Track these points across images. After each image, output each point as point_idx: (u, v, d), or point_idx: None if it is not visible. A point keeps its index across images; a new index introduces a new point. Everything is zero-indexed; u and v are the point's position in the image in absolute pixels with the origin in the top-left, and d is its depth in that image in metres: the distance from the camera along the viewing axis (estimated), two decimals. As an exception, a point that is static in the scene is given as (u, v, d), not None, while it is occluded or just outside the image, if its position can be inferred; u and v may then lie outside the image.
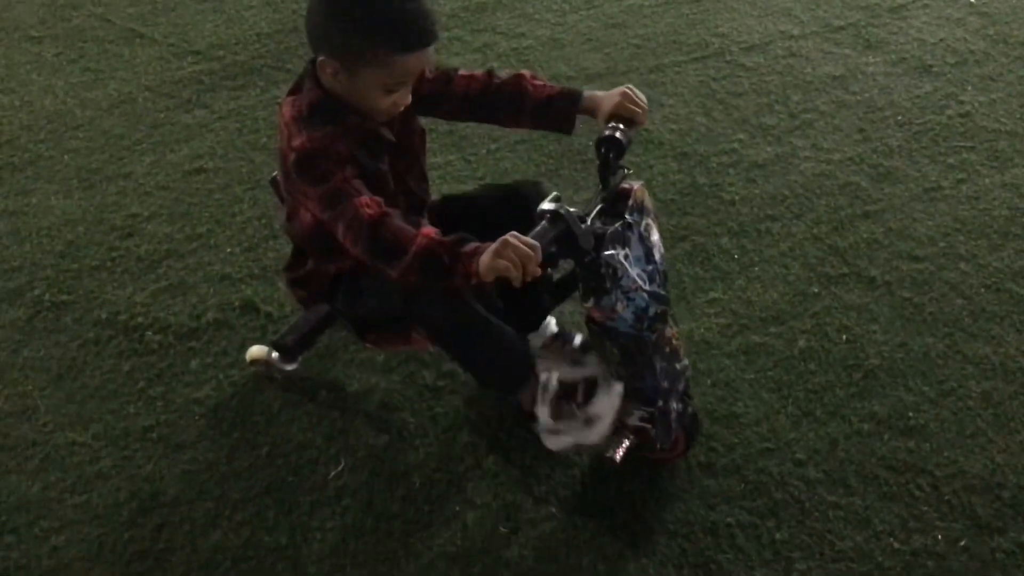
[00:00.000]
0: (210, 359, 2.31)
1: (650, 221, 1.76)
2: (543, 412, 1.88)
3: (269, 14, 3.80)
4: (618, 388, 1.84)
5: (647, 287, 1.71)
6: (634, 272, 1.69)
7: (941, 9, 3.61)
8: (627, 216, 1.69)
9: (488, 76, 1.87)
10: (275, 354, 2.19)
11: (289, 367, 2.20)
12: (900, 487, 1.96)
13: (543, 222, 1.55)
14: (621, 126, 1.72)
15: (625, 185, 1.72)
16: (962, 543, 1.85)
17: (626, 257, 1.68)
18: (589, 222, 1.63)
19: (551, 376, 1.87)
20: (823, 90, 3.19)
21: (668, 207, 2.71)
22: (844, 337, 2.28)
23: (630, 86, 1.78)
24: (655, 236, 1.77)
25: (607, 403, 1.87)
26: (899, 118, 3.05)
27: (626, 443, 1.85)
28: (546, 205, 1.57)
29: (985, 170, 2.82)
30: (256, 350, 2.23)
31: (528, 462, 2.03)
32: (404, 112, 1.75)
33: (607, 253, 1.64)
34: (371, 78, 1.63)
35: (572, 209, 1.58)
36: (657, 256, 1.76)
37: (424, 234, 1.58)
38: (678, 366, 1.85)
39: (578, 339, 1.98)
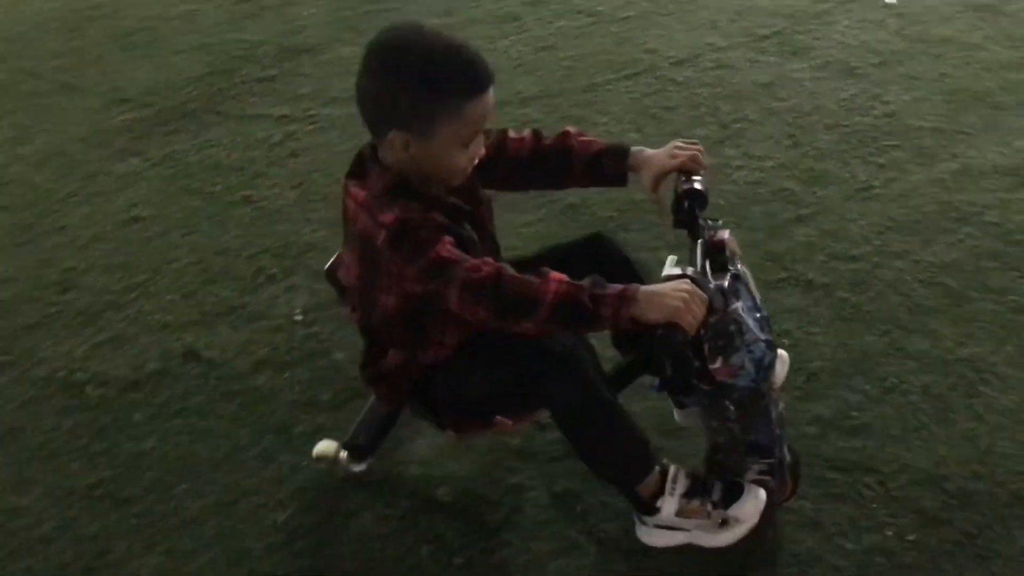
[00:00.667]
0: (153, 410, 2.28)
1: (745, 268, 1.73)
2: (669, 505, 1.79)
3: (200, 57, 3.79)
4: (763, 493, 1.80)
5: (763, 336, 1.67)
6: (751, 323, 1.66)
7: (861, 12, 3.70)
8: (731, 267, 1.67)
9: (535, 137, 1.82)
10: (344, 453, 1.99)
11: (358, 467, 2.00)
12: (848, 487, 1.97)
13: None
14: (697, 177, 1.71)
15: (717, 236, 1.69)
16: (911, 537, 1.87)
17: (743, 309, 1.64)
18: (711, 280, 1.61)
19: (679, 470, 1.80)
20: (752, 99, 3.25)
21: (607, 224, 2.73)
22: (786, 341, 2.30)
23: (678, 142, 1.77)
24: (752, 282, 1.74)
25: (753, 506, 1.79)
26: (827, 121, 3.11)
27: None
28: (672, 270, 1.55)
29: (913, 167, 2.88)
30: (324, 447, 2.00)
31: (481, 490, 2.03)
32: (470, 183, 1.69)
33: (731, 308, 1.61)
34: (447, 135, 1.54)
35: (690, 269, 1.57)
36: (759, 302, 1.73)
37: (555, 279, 1.51)
38: (783, 410, 1.82)
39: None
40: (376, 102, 1.56)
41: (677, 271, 1.54)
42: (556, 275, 1.52)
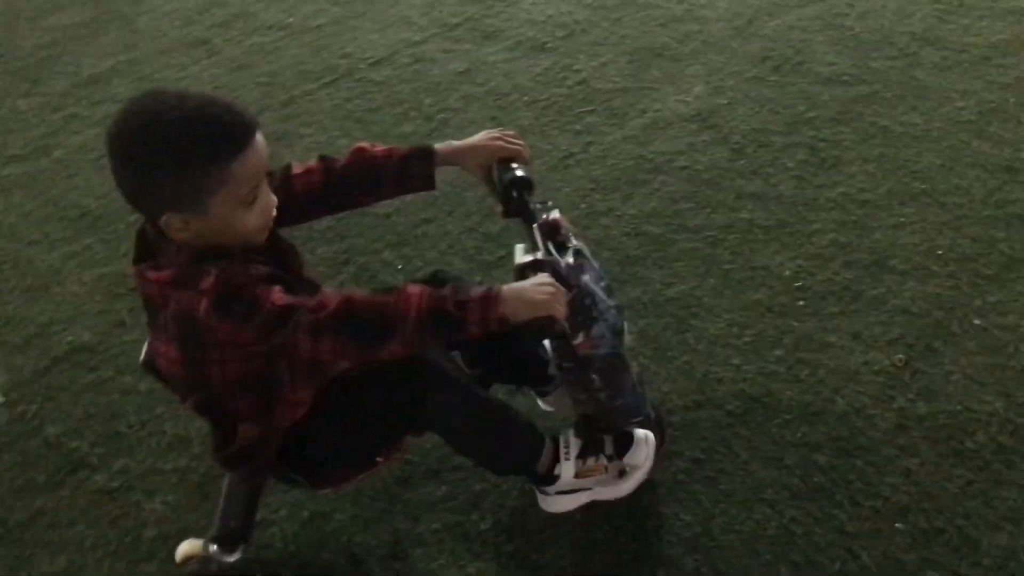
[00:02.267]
0: None
1: (580, 241, 1.73)
2: (568, 469, 1.80)
3: None
4: (651, 436, 1.84)
5: (612, 302, 1.70)
6: (601, 293, 1.68)
7: (544, -12, 3.84)
8: (569, 244, 1.67)
9: (325, 164, 1.70)
10: (214, 547, 1.82)
11: (233, 558, 1.83)
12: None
13: (530, 273, 1.50)
14: (515, 164, 1.68)
15: (551, 217, 1.69)
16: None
17: (591, 280, 1.66)
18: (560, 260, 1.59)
19: (569, 434, 1.82)
20: (452, 88, 3.29)
21: (327, 235, 2.68)
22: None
23: (492, 130, 1.73)
24: (589, 253, 1.74)
25: (645, 451, 1.85)
26: (525, 98, 3.20)
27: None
28: (524, 258, 1.53)
29: (607, 128, 3.02)
30: (188, 547, 1.85)
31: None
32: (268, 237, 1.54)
33: (583, 282, 1.61)
34: (223, 203, 1.40)
35: (540, 253, 1.55)
36: (601, 270, 1.73)
37: (413, 292, 1.42)
38: (638, 369, 1.86)
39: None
40: (136, 190, 1.40)
41: (529, 258, 1.54)
42: (413, 287, 1.44)
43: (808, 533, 1.85)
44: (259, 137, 1.43)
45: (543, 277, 1.50)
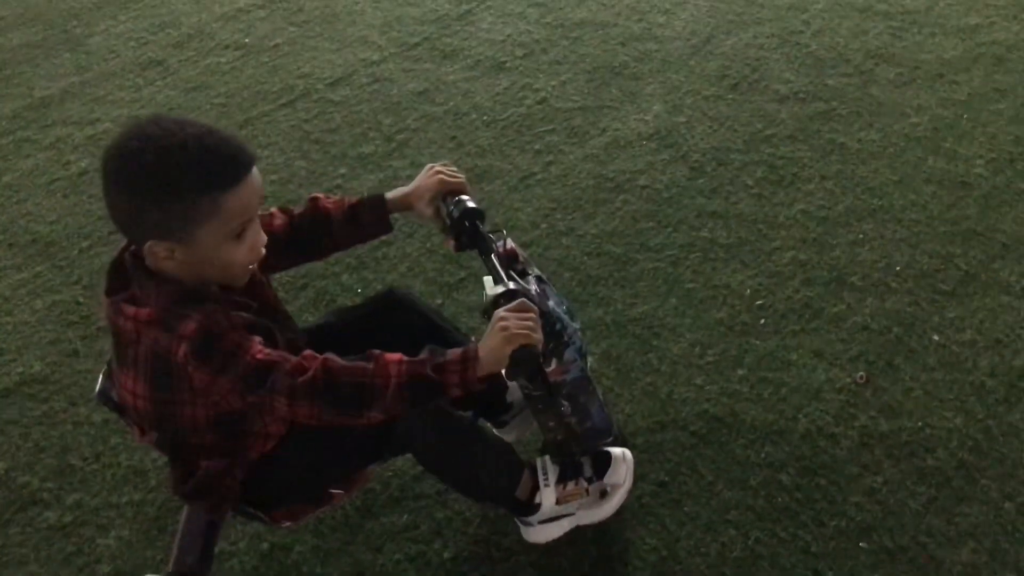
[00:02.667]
0: None
1: (534, 267, 1.73)
2: (548, 496, 1.78)
3: None
4: (628, 453, 1.87)
5: (576, 324, 1.69)
6: (565, 317, 1.66)
7: (503, 7, 3.83)
8: (529, 271, 1.67)
9: (286, 213, 1.70)
10: None
11: None
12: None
13: (504, 303, 1.47)
14: (464, 196, 1.67)
15: (508, 246, 1.68)
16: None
17: (555, 305, 1.65)
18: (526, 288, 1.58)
19: (545, 460, 1.80)
20: (411, 108, 3.27)
21: (285, 259, 2.64)
22: (473, 337, 2.33)
23: (432, 165, 1.71)
24: (545, 277, 1.74)
25: (624, 468, 1.85)
26: (485, 118, 3.19)
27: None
28: (496, 289, 1.51)
29: (568, 147, 3.02)
30: None
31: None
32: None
33: (550, 308, 1.61)
34: (211, 234, 1.38)
35: (511, 284, 1.53)
36: (558, 295, 1.73)
37: (391, 361, 1.41)
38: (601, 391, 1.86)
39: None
40: (124, 214, 1.38)
41: (501, 288, 1.52)
42: (390, 356, 1.42)
43: (774, 555, 1.84)
44: (254, 173, 1.40)
45: (500, 312, 1.45)
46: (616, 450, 1.88)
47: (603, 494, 1.85)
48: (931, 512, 1.90)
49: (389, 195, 1.73)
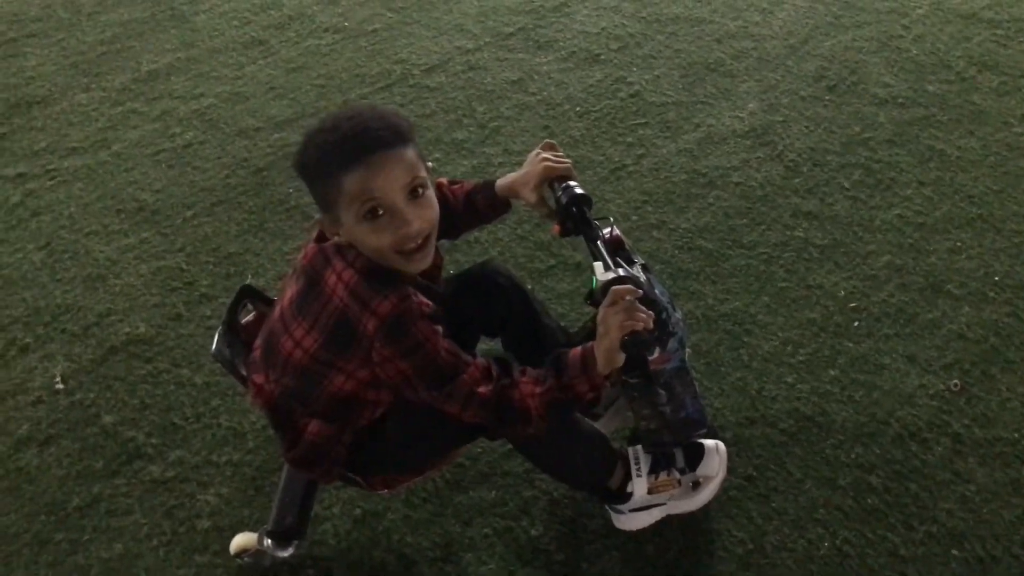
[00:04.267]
0: (-99, 516, 2.05)
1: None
2: (640, 486, 1.81)
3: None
4: (722, 445, 1.87)
5: (678, 314, 1.71)
6: (668, 305, 1.68)
7: (598, 1, 3.85)
8: (635, 258, 1.69)
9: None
10: (268, 541, 1.83)
11: (285, 553, 1.84)
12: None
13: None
14: (571, 182, 1.69)
15: (614, 233, 1.70)
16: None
17: (660, 294, 1.67)
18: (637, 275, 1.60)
19: (638, 450, 1.83)
20: (505, 96, 3.31)
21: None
22: (561, 324, 2.36)
23: (539, 151, 1.74)
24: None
25: (717, 460, 1.86)
26: (577, 109, 3.21)
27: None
28: (607, 275, 1.54)
29: (660, 141, 3.02)
30: (243, 540, 1.87)
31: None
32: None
33: (656, 294, 1.64)
34: (346, 214, 1.45)
35: (621, 270, 1.56)
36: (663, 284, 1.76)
37: (527, 393, 1.52)
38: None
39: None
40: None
41: (612, 274, 1.54)
42: (525, 387, 1.52)
43: (861, 555, 1.84)
44: (390, 156, 1.43)
45: (604, 304, 1.47)
46: (709, 442, 1.89)
47: (695, 485, 1.86)
48: (1025, 524, 1.88)
49: (498, 182, 1.76)
